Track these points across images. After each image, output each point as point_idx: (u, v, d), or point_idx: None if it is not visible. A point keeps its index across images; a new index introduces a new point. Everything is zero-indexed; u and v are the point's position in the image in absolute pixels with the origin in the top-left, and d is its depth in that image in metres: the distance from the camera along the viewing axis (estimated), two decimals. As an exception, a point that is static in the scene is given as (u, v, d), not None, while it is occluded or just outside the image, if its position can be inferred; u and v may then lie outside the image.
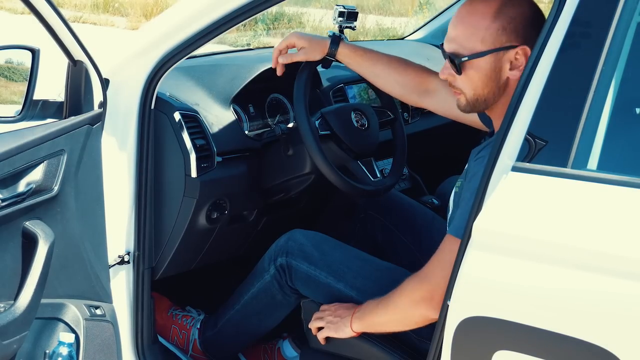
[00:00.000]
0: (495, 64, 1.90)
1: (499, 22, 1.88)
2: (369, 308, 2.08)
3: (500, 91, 1.93)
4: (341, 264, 2.22)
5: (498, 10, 1.89)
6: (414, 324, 1.99)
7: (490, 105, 1.97)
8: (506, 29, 1.88)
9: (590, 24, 1.64)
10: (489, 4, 1.90)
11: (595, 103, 1.60)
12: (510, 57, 1.89)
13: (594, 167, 1.61)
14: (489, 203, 1.64)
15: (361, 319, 2.09)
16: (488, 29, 1.89)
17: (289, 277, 2.26)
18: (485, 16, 1.89)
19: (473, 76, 1.92)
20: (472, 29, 1.90)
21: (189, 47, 2.11)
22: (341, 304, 2.17)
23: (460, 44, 1.92)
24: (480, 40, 1.89)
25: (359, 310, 2.10)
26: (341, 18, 3.14)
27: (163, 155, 2.25)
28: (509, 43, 1.89)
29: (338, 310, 2.15)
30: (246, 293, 2.36)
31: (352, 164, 2.42)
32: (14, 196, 1.88)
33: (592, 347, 1.50)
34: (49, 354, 1.97)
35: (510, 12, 1.89)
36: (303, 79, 2.32)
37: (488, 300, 1.63)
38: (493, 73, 1.91)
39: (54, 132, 1.98)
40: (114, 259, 2.23)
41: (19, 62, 2.17)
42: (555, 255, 1.55)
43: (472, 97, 1.95)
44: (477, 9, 1.91)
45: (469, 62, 1.91)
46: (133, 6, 12.44)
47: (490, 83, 1.92)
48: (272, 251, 2.30)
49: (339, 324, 2.13)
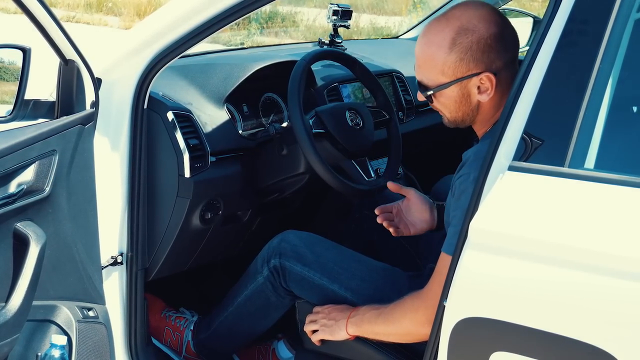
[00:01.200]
0: (461, 91, 1.90)
1: (455, 54, 1.86)
2: (368, 317, 2.06)
3: (474, 112, 1.94)
4: (335, 264, 2.20)
5: (452, 41, 1.86)
6: (417, 339, 1.97)
7: (470, 124, 1.98)
8: (464, 60, 1.86)
9: (587, 22, 1.63)
10: (443, 34, 1.87)
11: (593, 102, 1.59)
12: (475, 83, 1.89)
13: (591, 167, 1.60)
14: (486, 203, 1.62)
15: (358, 325, 2.07)
16: (446, 62, 1.87)
17: (282, 279, 2.24)
18: (441, 48, 1.87)
19: (444, 102, 1.94)
20: (432, 62, 1.89)
21: (181, 46, 2.09)
22: (335, 306, 2.15)
23: (424, 75, 1.93)
24: (441, 73, 1.89)
25: (356, 315, 2.08)
26: (335, 17, 3.15)
27: (156, 155, 2.23)
28: (470, 72, 1.87)
29: (332, 313, 2.13)
30: (239, 295, 2.35)
31: (346, 164, 2.41)
32: (5, 197, 1.86)
33: (589, 347, 1.49)
34: (41, 356, 1.96)
35: (465, 42, 1.86)
36: (297, 78, 2.31)
37: (485, 301, 1.62)
38: (462, 99, 1.91)
39: (45, 132, 1.96)
40: (106, 260, 2.21)
41: (10, 61, 2.15)
42: (553, 255, 1.54)
43: (450, 118, 1.97)
44: (432, 41, 1.89)
45: (437, 92, 1.92)
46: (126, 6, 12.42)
47: (462, 107, 1.93)
48: (265, 253, 2.28)
49: (333, 327, 2.11)
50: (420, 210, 2.27)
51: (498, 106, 1.91)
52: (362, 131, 2.42)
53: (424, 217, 2.26)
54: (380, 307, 2.05)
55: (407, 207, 2.28)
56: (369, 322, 2.05)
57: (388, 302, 2.05)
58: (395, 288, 2.13)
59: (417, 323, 1.93)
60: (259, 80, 2.56)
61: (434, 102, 1.96)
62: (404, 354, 2.08)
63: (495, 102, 1.91)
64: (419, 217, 2.27)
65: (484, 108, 1.92)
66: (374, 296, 2.13)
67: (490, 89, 1.88)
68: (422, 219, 2.27)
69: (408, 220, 2.28)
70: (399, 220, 2.29)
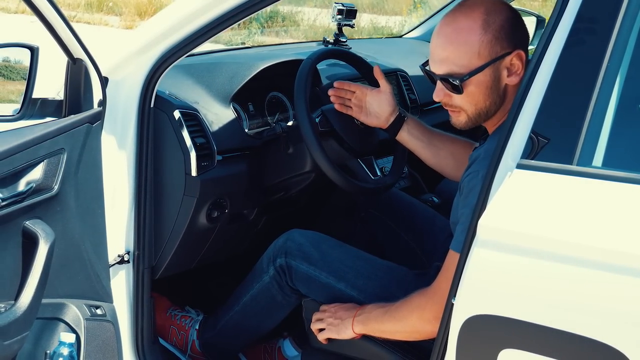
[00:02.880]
0: (494, 74, 1.90)
1: (490, 33, 1.88)
2: (374, 315, 2.06)
3: (500, 100, 1.94)
4: (341, 263, 2.21)
5: (485, 21, 1.88)
6: (424, 337, 1.98)
7: (491, 116, 1.97)
8: (498, 38, 1.88)
9: (595, 20, 1.63)
10: (473, 18, 1.89)
11: (601, 99, 1.59)
12: (506, 64, 1.90)
13: (599, 164, 1.60)
14: (494, 201, 1.63)
15: (364, 324, 2.08)
16: (482, 42, 1.88)
17: (289, 278, 2.24)
18: (474, 30, 1.88)
19: (473, 92, 1.92)
20: (465, 47, 1.89)
21: (188, 45, 2.10)
22: (341, 305, 2.16)
23: (455, 64, 1.91)
24: (477, 55, 1.89)
25: (362, 314, 2.09)
26: (340, 16, 3.15)
27: (163, 154, 2.23)
28: (504, 51, 1.89)
29: (338, 312, 2.14)
30: (245, 294, 2.35)
31: (352, 162, 2.41)
32: (14, 195, 1.86)
33: (600, 345, 1.49)
34: (50, 354, 1.96)
35: (497, 20, 1.88)
36: (304, 77, 2.31)
37: (494, 298, 1.62)
38: (493, 84, 1.91)
39: (53, 131, 1.97)
40: (113, 258, 2.21)
41: (17, 60, 2.15)
42: (561, 253, 1.54)
43: (474, 112, 1.95)
44: (462, 26, 1.90)
45: (469, 79, 1.90)
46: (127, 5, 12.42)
47: (492, 94, 1.92)
48: (271, 252, 2.29)
49: (340, 326, 2.12)
50: (382, 106, 2.35)
51: None
52: (368, 130, 2.42)
53: (382, 113, 2.35)
54: (387, 305, 2.05)
55: (374, 96, 2.35)
56: (376, 320, 2.06)
57: (394, 300, 2.06)
58: (401, 286, 2.14)
59: (424, 320, 1.93)
60: (265, 79, 2.56)
61: (463, 92, 1.92)
62: (411, 352, 2.08)
63: (516, 89, 1.91)
64: (377, 110, 2.35)
65: (508, 95, 1.93)
66: (381, 294, 2.13)
67: (520, 68, 1.89)
68: (379, 114, 2.35)
69: (365, 107, 2.36)
70: (356, 103, 2.37)
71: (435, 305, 1.88)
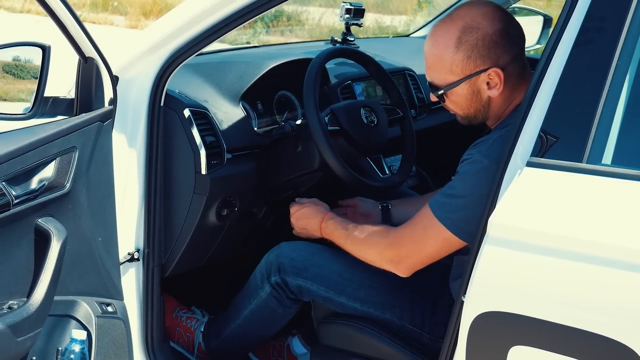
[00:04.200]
0: (471, 88, 1.94)
1: (462, 52, 1.90)
2: (337, 235, 2.14)
3: (486, 108, 1.97)
4: (339, 276, 2.17)
5: (458, 39, 1.90)
6: (381, 267, 2.05)
7: (484, 119, 2.01)
8: (471, 57, 1.90)
9: (604, 19, 1.64)
10: (448, 34, 1.91)
11: (610, 98, 1.60)
12: (484, 79, 1.92)
13: (608, 162, 1.61)
14: (504, 198, 1.63)
15: (329, 236, 2.18)
16: (453, 61, 1.91)
17: (288, 292, 2.23)
18: (447, 47, 1.91)
19: (456, 101, 1.97)
20: (440, 62, 1.93)
21: (197, 44, 2.11)
22: (310, 209, 2.24)
23: (434, 76, 1.97)
24: (449, 72, 1.93)
25: (326, 228, 2.18)
26: (348, 15, 3.15)
27: (173, 152, 2.24)
28: (478, 69, 1.91)
29: (303, 221, 2.24)
30: (244, 309, 2.33)
31: (361, 161, 2.42)
32: (27, 193, 1.88)
33: (611, 342, 1.50)
34: (62, 351, 1.97)
35: (471, 40, 1.89)
36: (313, 75, 2.32)
37: (504, 295, 1.63)
38: (473, 96, 1.95)
39: (65, 129, 1.98)
40: (123, 256, 2.22)
41: (27, 59, 2.15)
42: (572, 250, 1.55)
43: (463, 115, 2.01)
44: (439, 42, 1.93)
45: (448, 91, 1.95)
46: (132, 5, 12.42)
47: (474, 104, 1.96)
48: (263, 268, 2.27)
49: (309, 231, 2.25)
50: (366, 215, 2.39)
51: (509, 100, 1.94)
52: (377, 128, 2.43)
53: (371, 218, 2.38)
54: (349, 227, 2.11)
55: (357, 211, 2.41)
56: (338, 239, 2.14)
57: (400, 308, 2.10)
58: (406, 290, 2.13)
59: (381, 258, 2.03)
60: (274, 78, 2.57)
61: (446, 101, 1.98)
62: (421, 350, 2.09)
63: (505, 96, 1.94)
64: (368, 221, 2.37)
65: (495, 103, 1.96)
66: (385, 302, 2.12)
67: (499, 84, 1.91)
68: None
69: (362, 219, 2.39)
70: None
71: (393, 251, 1.97)
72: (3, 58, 2.14)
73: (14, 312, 1.81)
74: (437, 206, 1.91)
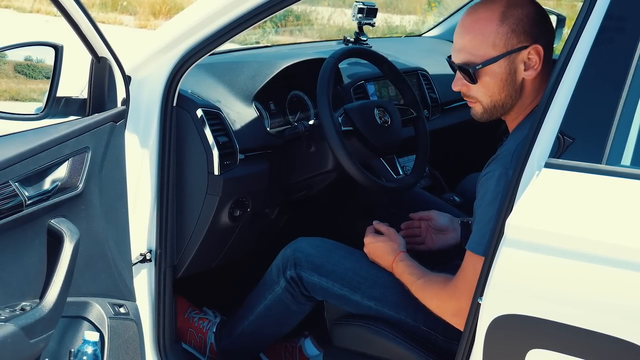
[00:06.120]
0: (509, 67, 1.90)
1: (507, 25, 1.88)
2: (405, 279, 2.08)
3: (517, 94, 1.93)
4: (355, 274, 2.16)
5: (503, 13, 1.89)
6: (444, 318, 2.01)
7: (507, 111, 1.96)
8: (515, 31, 1.88)
9: (624, 18, 1.62)
10: (492, 9, 1.90)
11: (630, 98, 1.58)
12: (523, 57, 1.89)
13: (627, 163, 1.59)
14: (522, 200, 1.62)
15: (399, 277, 2.11)
16: (497, 33, 1.89)
17: (303, 288, 2.22)
18: (491, 21, 1.89)
19: (488, 83, 1.92)
20: (481, 36, 1.90)
21: (210, 44, 2.10)
22: (381, 246, 2.17)
23: (471, 53, 1.92)
24: (492, 46, 1.89)
25: (396, 269, 2.11)
26: (361, 14, 3.14)
27: (185, 153, 2.23)
28: (520, 44, 1.89)
29: (376, 253, 2.17)
30: (258, 305, 2.32)
31: (374, 161, 2.41)
32: (40, 194, 1.87)
33: (628, 345, 1.48)
34: (74, 352, 1.96)
35: (516, 14, 1.89)
36: (326, 75, 2.31)
37: (522, 298, 1.62)
38: (508, 76, 1.91)
39: (78, 130, 1.97)
40: (136, 257, 2.22)
41: (39, 59, 2.15)
42: (590, 252, 1.54)
43: (489, 103, 1.95)
44: (481, 16, 1.91)
45: (483, 70, 1.91)
46: (141, 4, 12.44)
47: (507, 87, 1.92)
48: (279, 262, 2.26)
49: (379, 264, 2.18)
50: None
51: (538, 90, 1.91)
52: (391, 129, 2.42)
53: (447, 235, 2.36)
54: (417, 273, 2.06)
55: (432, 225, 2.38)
56: (405, 282, 2.09)
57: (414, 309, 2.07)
58: None
59: (443, 311, 1.97)
60: (286, 78, 2.56)
61: (478, 83, 1.92)
62: (435, 352, 2.07)
63: (537, 84, 1.92)
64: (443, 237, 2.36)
65: (526, 90, 1.92)
66: (400, 302, 2.11)
67: (537, 63, 1.89)
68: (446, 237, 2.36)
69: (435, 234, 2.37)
70: (425, 236, 2.38)
71: (453, 303, 1.91)
72: (15, 58, 2.13)
73: (27, 314, 1.80)
74: (476, 247, 1.85)
